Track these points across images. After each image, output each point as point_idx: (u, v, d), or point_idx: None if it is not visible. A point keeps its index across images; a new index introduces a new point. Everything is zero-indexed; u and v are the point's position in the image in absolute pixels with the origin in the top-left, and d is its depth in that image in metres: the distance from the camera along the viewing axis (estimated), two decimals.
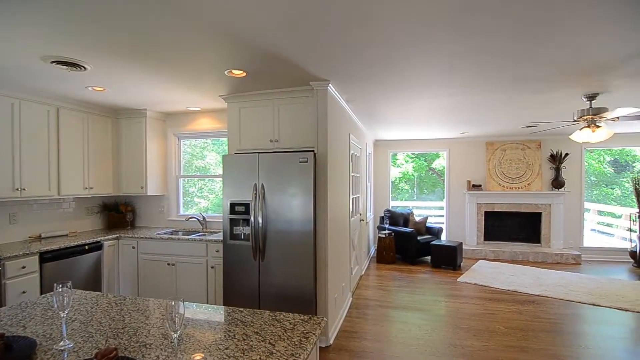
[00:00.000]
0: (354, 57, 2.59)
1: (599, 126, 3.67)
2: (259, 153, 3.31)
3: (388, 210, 7.18)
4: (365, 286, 5.13)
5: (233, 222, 3.37)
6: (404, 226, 6.91)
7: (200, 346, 1.33)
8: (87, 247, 3.79)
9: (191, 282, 3.86)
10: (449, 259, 6.04)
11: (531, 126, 4.90)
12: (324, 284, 3.21)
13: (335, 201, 3.57)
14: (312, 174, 3.15)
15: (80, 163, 4.07)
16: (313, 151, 3.25)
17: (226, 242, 3.39)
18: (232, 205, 3.36)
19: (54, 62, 2.62)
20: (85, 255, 3.77)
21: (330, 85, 3.25)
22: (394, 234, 6.59)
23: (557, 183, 6.82)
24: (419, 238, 6.49)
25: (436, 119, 5.21)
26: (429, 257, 6.36)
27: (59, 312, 1.35)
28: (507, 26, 2.07)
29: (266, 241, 3.25)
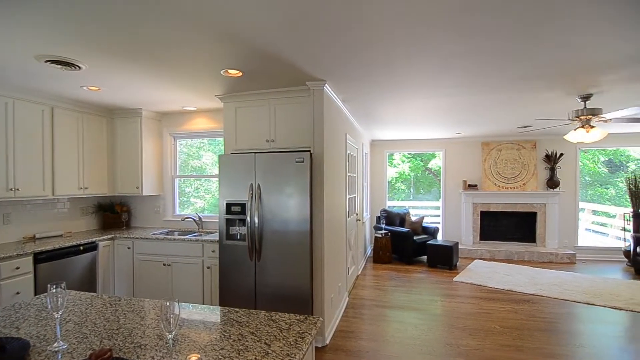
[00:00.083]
0: (351, 57, 2.59)
1: (593, 126, 3.70)
2: (255, 153, 3.30)
3: (384, 210, 7.19)
4: (362, 286, 5.14)
5: (229, 222, 3.36)
6: (400, 226, 6.92)
7: (195, 347, 1.33)
8: (82, 247, 3.76)
9: (187, 282, 3.85)
10: (445, 258, 6.06)
11: (527, 126, 4.94)
12: (320, 284, 3.21)
13: (332, 201, 3.58)
14: (308, 174, 3.15)
15: (75, 163, 4.05)
16: (309, 151, 3.25)
17: (222, 242, 3.39)
18: (228, 206, 3.35)
19: (48, 61, 2.60)
20: (80, 255, 3.74)
21: (327, 85, 3.26)
22: (390, 234, 6.61)
23: (552, 183, 6.87)
24: (415, 238, 6.51)
25: (432, 119, 5.23)
26: (425, 256, 6.38)
27: (53, 313, 1.35)
28: (507, 26, 2.07)
29: (262, 241, 3.25)
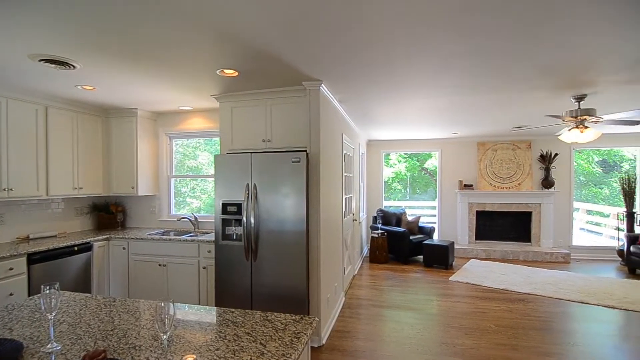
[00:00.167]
0: (348, 57, 2.59)
1: (587, 127, 3.73)
2: (251, 153, 3.30)
3: (381, 210, 7.20)
4: (358, 286, 5.14)
5: (225, 223, 3.35)
6: (396, 226, 6.94)
7: (190, 347, 1.33)
8: (76, 248, 3.73)
9: (183, 283, 3.83)
10: (441, 258, 6.08)
11: (521, 127, 4.98)
12: (316, 284, 3.21)
13: (328, 201, 3.58)
14: (304, 174, 3.14)
15: (69, 163, 4.02)
16: (306, 151, 3.24)
17: (218, 242, 3.37)
18: (224, 206, 3.34)
19: (42, 60, 2.58)
20: (75, 256, 3.72)
21: (323, 85, 3.25)
22: (386, 234, 6.62)
23: (547, 183, 6.91)
24: (411, 238, 6.52)
25: (429, 119, 5.25)
26: (422, 256, 6.40)
27: (46, 314, 1.33)
28: (506, 26, 2.07)
29: (258, 241, 3.24)
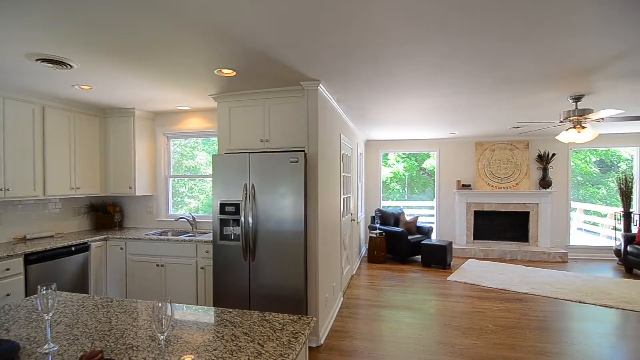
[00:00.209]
0: (345, 57, 2.59)
1: (584, 127, 3.74)
2: (249, 153, 3.29)
3: (379, 210, 7.21)
4: (357, 286, 5.14)
5: (223, 223, 3.35)
6: (394, 226, 6.94)
7: (188, 347, 1.32)
8: (73, 248, 3.72)
9: (181, 283, 3.82)
10: (439, 258, 6.09)
11: (519, 127, 5.00)
12: (314, 283, 3.21)
13: (326, 201, 3.58)
14: (302, 174, 3.14)
15: (66, 163, 4.00)
16: (304, 151, 3.24)
17: (216, 242, 3.37)
18: (222, 206, 3.33)
19: (39, 59, 2.57)
20: (72, 256, 3.70)
21: (321, 85, 3.25)
22: (385, 234, 6.62)
23: (545, 183, 6.93)
24: (409, 237, 6.53)
25: (426, 120, 5.25)
26: (420, 256, 6.40)
27: (43, 314, 1.33)
28: (502, 26, 2.07)
29: (257, 241, 3.24)
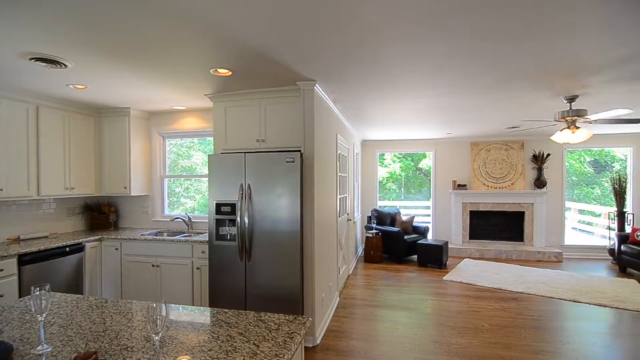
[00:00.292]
0: (341, 57, 2.59)
1: (578, 127, 3.77)
2: (245, 153, 3.28)
3: (375, 210, 7.22)
4: (353, 285, 5.15)
5: (219, 223, 3.34)
6: (391, 226, 6.96)
7: (183, 348, 1.32)
8: (68, 248, 3.69)
9: (176, 283, 3.81)
10: (435, 257, 6.11)
11: (514, 127, 5.04)
12: (310, 283, 3.21)
13: (323, 201, 3.58)
14: (298, 174, 3.14)
15: (61, 162, 3.97)
16: (300, 151, 3.24)
17: (212, 242, 3.36)
18: (218, 206, 3.32)
19: (33, 58, 2.55)
20: (66, 257, 3.67)
21: (317, 85, 3.25)
22: (381, 234, 6.63)
23: (540, 183, 6.98)
24: (405, 237, 6.55)
25: (423, 120, 5.27)
26: (416, 256, 6.42)
27: (36, 315, 1.32)
28: (499, 27, 2.08)
29: (252, 241, 3.23)
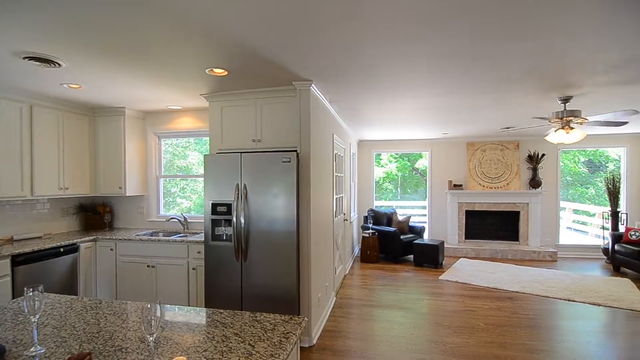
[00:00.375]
0: (337, 57, 2.59)
1: (572, 128, 3.80)
2: (241, 153, 3.28)
3: (372, 210, 7.23)
4: (349, 285, 5.15)
5: (215, 223, 3.33)
6: (387, 225, 6.97)
7: (178, 349, 1.31)
8: (62, 249, 3.66)
9: (172, 284, 3.79)
10: (431, 257, 6.13)
11: (509, 128, 5.06)
12: (307, 284, 3.21)
13: (319, 201, 3.58)
14: (295, 174, 3.14)
15: (55, 162, 3.94)
16: (296, 151, 3.24)
17: (208, 243, 3.35)
18: (214, 206, 3.31)
19: (26, 57, 2.52)
20: (61, 257, 3.65)
21: (313, 85, 3.25)
22: (377, 234, 6.64)
23: (535, 183, 7.02)
24: (402, 237, 6.56)
25: (419, 120, 5.28)
26: (412, 255, 6.44)
27: (29, 316, 1.31)
28: (496, 27, 2.08)
29: (248, 242, 3.22)
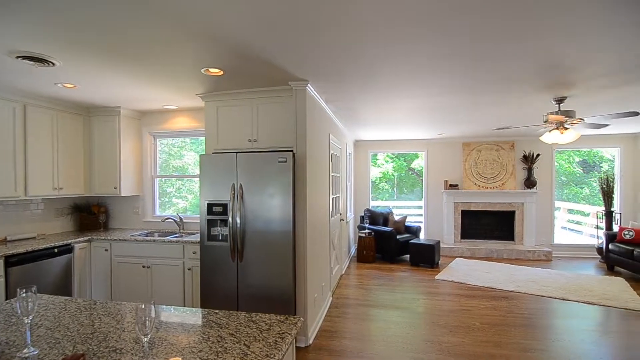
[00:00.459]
0: (334, 57, 2.59)
1: (567, 128, 3.83)
2: (237, 153, 3.27)
3: (368, 210, 7.24)
4: (346, 285, 5.16)
5: (210, 223, 3.31)
6: (383, 225, 6.98)
7: (173, 349, 1.30)
8: (56, 250, 3.63)
9: (167, 284, 3.77)
10: (427, 257, 6.15)
11: (504, 128, 5.10)
12: (303, 283, 3.21)
13: (315, 201, 3.57)
14: (291, 174, 3.13)
15: (49, 162, 3.91)
16: (292, 151, 3.23)
17: (203, 243, 3.33)
18: (210, 206, 3.30)
19: (20, 57, 2.50)
20: (55, 258, 3.61)
21: (310, 85, 3.25)
22: (374, 233, 6.66)
23: (530, 183, 7.07)
24: (398, 237, 6.58)
25: (415, 120, 5.30)
26: (408, 255, 6.46)
27: (23, 318, 1.30)
28: (495, 27, 2.08)
29: (244, 242, 3.21)
